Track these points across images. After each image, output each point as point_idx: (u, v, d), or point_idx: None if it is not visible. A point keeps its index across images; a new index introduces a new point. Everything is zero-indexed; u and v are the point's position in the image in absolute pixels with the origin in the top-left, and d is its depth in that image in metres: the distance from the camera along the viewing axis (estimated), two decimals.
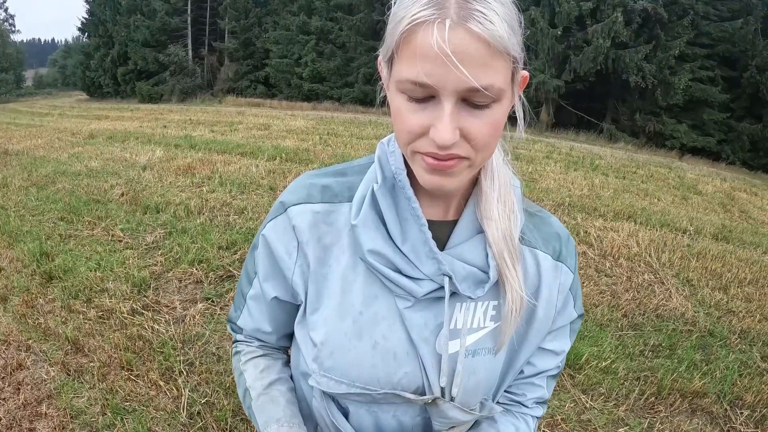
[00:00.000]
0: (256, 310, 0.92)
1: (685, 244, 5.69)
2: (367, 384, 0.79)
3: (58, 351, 2.98)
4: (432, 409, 0.82)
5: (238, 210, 5.27)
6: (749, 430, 2.81)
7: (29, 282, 3.68)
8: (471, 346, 0.79)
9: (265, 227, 0.85)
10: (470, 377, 0.80)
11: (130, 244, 4.33)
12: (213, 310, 3.54)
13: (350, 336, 0.79)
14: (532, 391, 0.95)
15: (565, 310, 0.88)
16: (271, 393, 0.91)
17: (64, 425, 2.49)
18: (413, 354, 0.78)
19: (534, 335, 0.85)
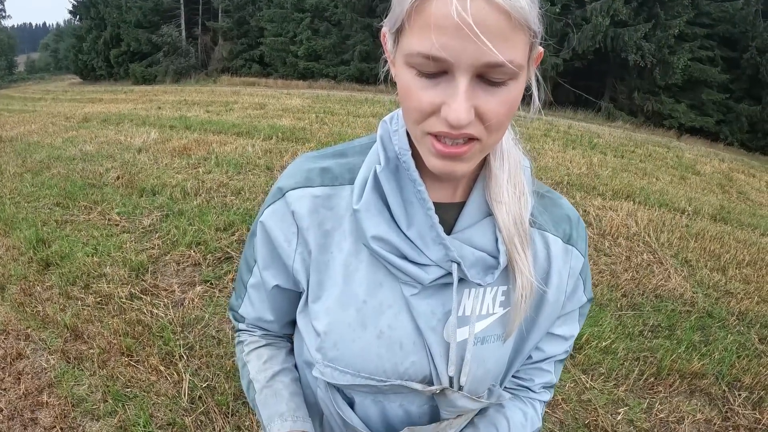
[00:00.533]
0: (257, 299, 0.89)
1: (683, 224, 5.68)
2: (372, 374, 0.77)
3: (57, 339, 2.97)
4: (440, 399, 0.80)
5: (235, 190, 5.22)
6: (747, 412, 2.83)
7: (26, 270, 3.65)
8: (480, 334, 0.77)
9: (262, 214, 0.82)
10: (479, 366, 0.78)
11: (127, 228, 4.29)
12: (212, 292, 3.52)
13: (354, 326, 0.76)
14: (540, 376, 0.94)
15: (574, 295, 0.86)
16: (275, 386, 0.89)
17: (65, 413, 2.49)
18: (420, 343, 0.76)
19: (543, 321, 0.83)
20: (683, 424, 2.72)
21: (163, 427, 2.46)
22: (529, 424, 0.94)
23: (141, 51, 30.50)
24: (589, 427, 2.66)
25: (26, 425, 2.42)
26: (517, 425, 0.91)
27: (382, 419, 0.84)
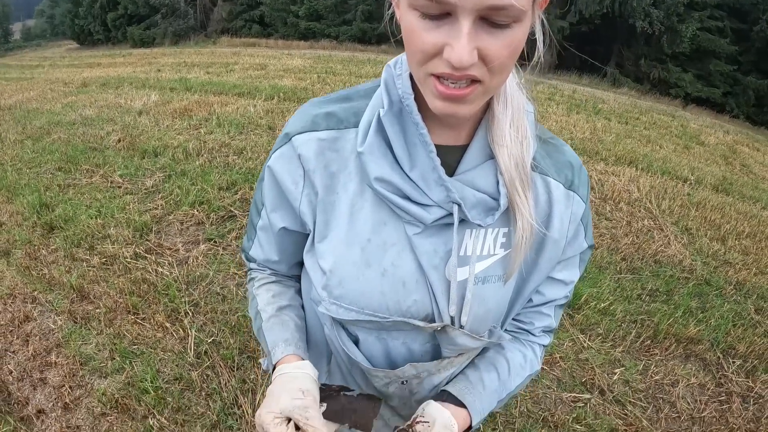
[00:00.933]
0: (266, 242, 0.92)
1: (685, 192, 5.67)
2: (376, 311, 0.79)
3: (63, 300, 3.00)
4: (441, 336, 0.82)
5: (237, 150, 5.18)
6: (740, 380, 2.85)
7: (31, 234, 3.66)
8: (480, 274, 0.79)
9: (270, 158, 0.84)
10: (480, 305, 0.80)
11: (130, 190, 4.27)
12: (216, 250, 3.53)
13: (359, 264, 0.78)
14: (539, 319, 0.95)
15: (575, 240, 0.87)
16: (282, 317, 0.91)
17: (74, 372, 2.52)
18: (423, 281, 0.78)
19: (544, 264, 0.84)
20: (677, 387, 2.76)
21: (169, 381, 2.49)
22: (528, 366, 0.96)
23: (138, 14, 29.84)
24: (586, 385, 2.70)
25: (35, 385, 2.45)
26: (516, 366, 0.94)
27: (385, 356, 0.86)
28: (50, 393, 2.42)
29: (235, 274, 3.30)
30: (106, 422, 2.30)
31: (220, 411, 2.34)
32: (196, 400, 2.41)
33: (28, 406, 2.34)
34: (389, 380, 0.88)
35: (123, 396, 2.39)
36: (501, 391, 0.92)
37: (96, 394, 2.40)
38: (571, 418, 2.48)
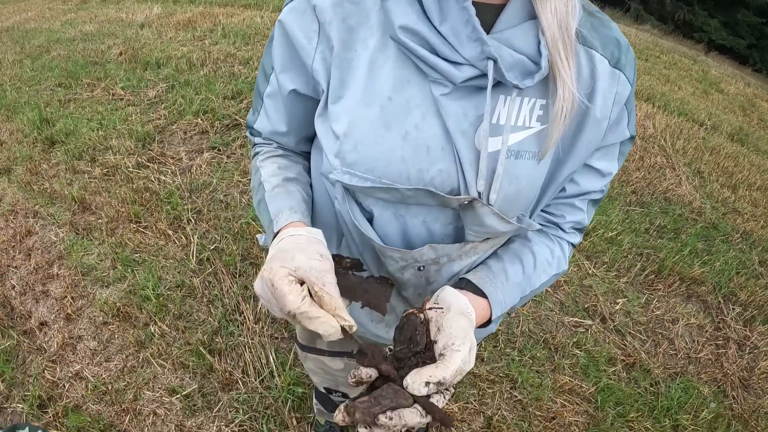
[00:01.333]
0: (273, 110, 0.84)
1: (700, 136, 5.44)
2: (395, 181, 0.71)
3: (65, 212, 2.85)
4: (467, 215, 0.74)
5: (243, 60, 4.86)
6: (738, 327, 2.84)
7: (31, 150, 3.48)
8: (514, 147, 0.71)
9: (282, 12, 0.75)
10: (511, 182, 0.72)
11: (132, 101, 4.01)
12: (220, 158, 3.31)
13: (377, 125, 0.69)
14: (571, 213, 0.88)
15: (618, 126, 0.78)
16: (288, 187, 0.83)
17: (75, 283, 2.42)
18: (449, 149, 0.70)
19: (582, 147, 0.76)
20: (677, 325, 2.75)
21: (171, 288, 2.38)
22: (555, 263, 0.89)
23: None
24: (588, 312, 2.70)
25: (38, 298, 2.37)
26: (542, 262, 0.87)
27: (402, 236, 0.78)
28: (52, 305, 2.33)
29: (239, 181, 3.10)
30: (107, 331, 2.21)
31: (221, 317, 2.26)
32: (197, 306, 2.32)
33: (31, 319, 2.26)
34: (405, 263, 0.79)
35: (124, 304, 2.29)
36: (525, 286, 0.85)
37: (98, 303, 2.31)
38: (571, 342, 2.48)
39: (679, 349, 2.60)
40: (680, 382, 2.39)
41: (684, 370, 2.48)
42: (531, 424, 2.08)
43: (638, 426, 2.17)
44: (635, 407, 2.23)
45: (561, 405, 2.17)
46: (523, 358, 2.33)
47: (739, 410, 2.34)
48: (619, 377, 2.37)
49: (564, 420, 2.12)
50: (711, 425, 2.24)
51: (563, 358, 2.38)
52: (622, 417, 2.19)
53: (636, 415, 2.20)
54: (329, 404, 1.58)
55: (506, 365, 2.29)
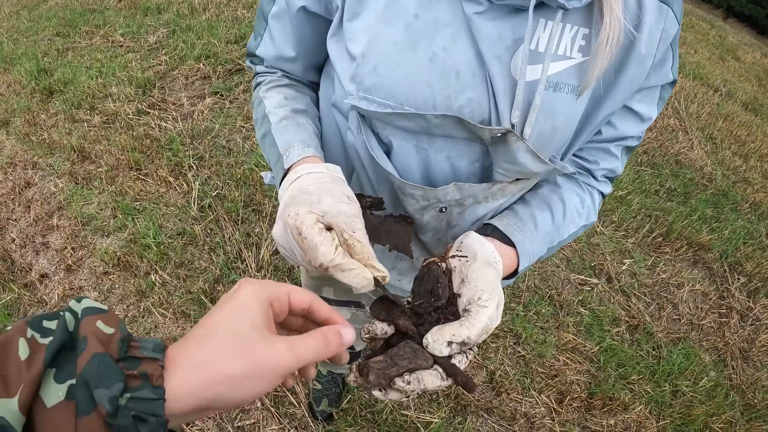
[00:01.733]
0: (279, 32, 0.77)
1: (714, 102, 5.29)
2: (418, 109, 0.64)
3: (65, 162, 2.79)
4: (497, 150, 0.67)
5: (247, 5, 4.71)
6: (742, 297, 2.81)
7: (29, 101, 3.39)
8: (553, 78, 0.64)
9: None
10: (547, 117, 0.65)
11: (132, 48, 3.89)
12: (222, 104, 3.22)
13: (400, 45, 0.62)
14: (605, 159, 0.81)
15: (662, 67, 0.70)
16: (298, 119, 0.75)
17: (76, 233, 2.38)
18: (481, 75, 0.63)
19: (624, 85, 0.68)
20: (682, 290, 2.72)
21: (172, 236, 2.34)
22: (585, 214, 0.83)
23: None
24: (594, 270, 2.68)
25: (38, 250, 2.34)
26: (572, 211, 0.80)
27: (423, 172, 0.72)
28: (53, 257, 2.29)
29: (242, 127, 3.02)
30: (108, 281, 2.18)
31: (223, 265, 2.23)
32: (198, 254, 2.28)
33: (31, 271, 2.23)
34: (427, 203, 0.72)
35: (125, 253, 2.25)
36: (553, 236, 0.78)
37: (98, 253, 2.27)
38: (576, 300, 2.46)
39: (682, 315, 2.58)
40: (682, 348, 2.38)
41: (686, 336, 2.47)
42: (533, 380, 2.08)
43: (639, 389, 2.17)
44: (637, 370, 2.23)
45: (563, 363, 2.17)
46: (528, 314, 2.31)
47: (737, 381, 2.34)
48: (622, 338, 2.35)
49: (566, 378, 2.11)
50: (709, 393, 2.24)
51: (568, 315, 2.37)
52: (623, 379, 2.19)
53: (637, 378, 2.20)
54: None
55: (511, 320, 2.27)
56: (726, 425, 2.14)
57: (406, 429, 1.87)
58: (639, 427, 2.07)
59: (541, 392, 2.07)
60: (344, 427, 1.84)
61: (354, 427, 1.85)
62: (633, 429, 2.06)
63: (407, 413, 1.90)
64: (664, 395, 2.18)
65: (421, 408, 1.93)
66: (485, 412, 1.98)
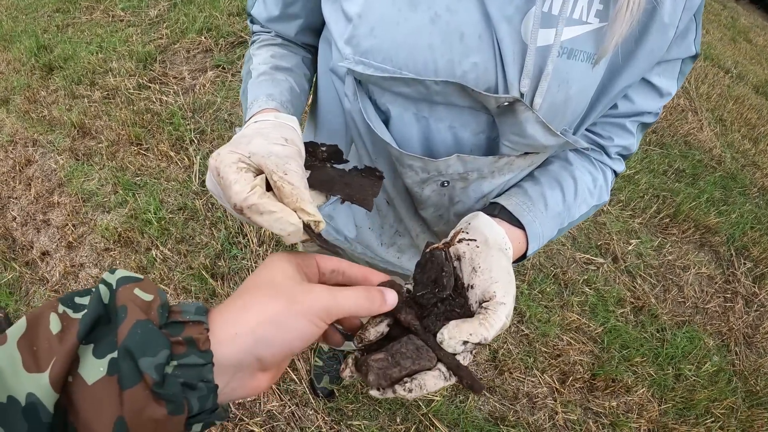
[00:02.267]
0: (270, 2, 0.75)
1: (725, 83, 5.18)
2: (419, 73, 0.59)
3: (65, 139, 2.76)
4: (504, 121, 0.62)
5: None
6: (748, 283, 2.78)
7: (29, 78, 3.35)
8: (567, 44, 0.58)
9: None
10: (560, 87, 0.60)
11: (132, 22, 3.84)
12: (224, 77, 3.17)
13: (400, 4, 0.57)
14: (620, 135, 0.76)
15: (684, 39, 0.65)
16: (276, 76, 0.73)
17: (76, 210, 2.37)
18: (488, 38, 0.57)
19: (643, 56, 0.63)
20: (688, 272, 2.70)
21: (173, 211, 2.31)
22: (596, 193, 0.78)
23: None
24: (600, 249, 2.65)
25: (39, 228, 2.32)
26: (584, 190, 0.76)
27: (423, 142, 0.68)
28: (54, 234, 2.28)
29: None
30: (109, 257, 2.16)
31: (224, 240, 2.21)
32: (200, 229, 2.26)
33: (33, 249, 2.22)
34: (427, 175, 0.68)
35: (126, 229, 2.23)
36: (564, 217, 0.74)
37: (99, 229, 2.25)
38: (582, 279, 2.44)
39: (687, 297, 2.56)
40: (686, 331, 2.36)
41: (691, 320, 2.45)
42: (536, 359, 2.07)
43: (642, 371, 2.16)
44: (640, 352, 2.21)
45: (567, 343, 2.15)
46: (532, 292, 2.30)
47: (740, 367, 2.32)
48: (627, 320, 2.34)
49: (569, 358, 2.10)
50: (712, 378, 2.23)
51: (572, 295, 2.35)
52: (626, 360, 2.18)
53: (640, 360, 2.18)
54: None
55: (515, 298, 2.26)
56: (727, 411, 2.13)
57: (407, 407, 1.86)
58: (641, 409, 2.06)
59: (544, 372, 2.06)
60: (345, 404, 1.83)
61: (355, 405, 1.84)
62: (635, 411, 2.05)
63: None
64: (667, 378, 2.16)
65: None
66: (487, 391, 1.97)
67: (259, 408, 1.80)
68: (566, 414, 1.98)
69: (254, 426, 1.74)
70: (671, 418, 2.06)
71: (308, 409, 1.82)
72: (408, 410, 1.86)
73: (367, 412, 1.84)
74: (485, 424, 1.87)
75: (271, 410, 1.79)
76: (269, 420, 1.78)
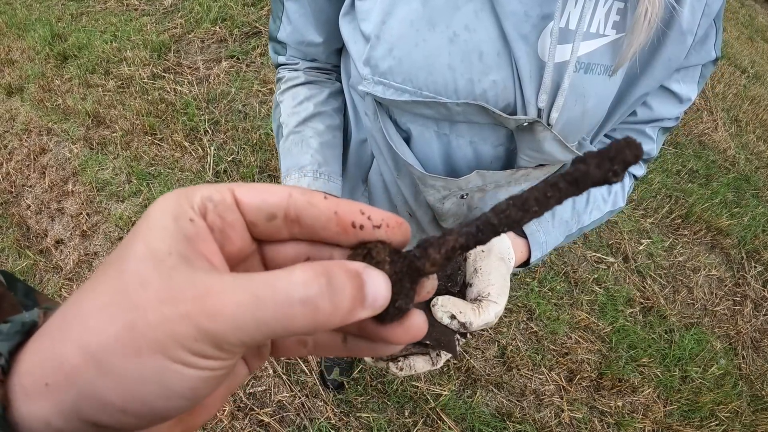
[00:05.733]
0: (296, 12, 0.72)
1: (741, 83, 5.10)
2: (439, 93, 0.59)
3: (79, 128, 2.78)
4: (523, 137, 0.63)
5: None
6: (758, 286, 2.77)
7: (43, 67, 3.38)
8: (584, 58, 0.58)
9: None
10: (577, 101, 0.60)
11: (147, 11, 3.85)
12: (239, 67, 3.18)
13: (418, 24, 0.57)
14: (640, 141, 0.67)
15: (704, 44, 0.65)
16: (304, 132, 0.74)
17: (90, 199, 2.39)
18: (506, 56, 0.57)
19: (661, 64, 0.62)
20: (698, 274, 2.69)
21: None
22: (611, 200, 0.80)
23: None
24: (611, 249, 2.65)
25: (53, 216, 2.35)
26: (597, 197, 0.78)
27: (444, 158, 0.68)
28: (68, 222, 2.31)
29: (259, 91, 2.99)
30: None
31: None
32: None
33: (47, 238, 2.24)
34: (448, 192, 0.69)
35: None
36: (572, 225, 0.76)
37: (113, 219, 2.28)
38: (592, 278, 2.44)
39: (696, 299, 2.56)
40: (694, 333, 2.36)
41: (699, 322, 2.45)
42: (544, 357, 2.08)
43: (648, 372, 2.16)
44: (648, 352, 2.22)
45: (575, 341, 2.16)
46: (542, 290, 2.30)
47: (746, 371, 2.32)
48: (636, 320, 2.34)
49: (577, 356, 2.11)
50: (718, 381, 2.23)
51: (582, 293, 2.36)
52: (634, 361, 2.18)
53: (648, 361, 2.19)
54: None
55: (525, 295, 2.27)
56: (732, 414, 2.13)
57: (416, 400, 1.88)
58: (646, 410, 2.07)
59: (552, 369, 2.07)
60: (354, 396, 1.85)
61: (364, 397, 1.86)
62: (640, 411, 2.06)
63: (417, 384, 1.91)
64: (674, 380, 2.17)
65: (431, 380, 1.94)
66: (495, 386, 1.98)
67: (269, 398, 1.82)
68: (572, 412, 1.99)
69: (264, 416, 1.76)
70: (676, 419, 2.07)
71: (318, 400, 1.84)
72: (416, 404, 1.87)
73: (376, 405, 1.86)
74: (492, 420, 1.89)
75: (281, 401, 1.81)
76: (279, 410, 1.80)
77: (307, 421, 1.78)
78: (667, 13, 0.58)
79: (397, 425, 1.82)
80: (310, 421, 1.78)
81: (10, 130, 2.80)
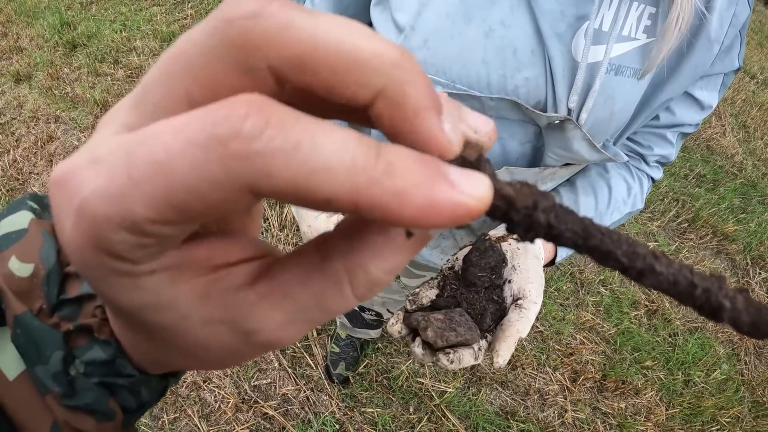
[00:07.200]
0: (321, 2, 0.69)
1: (750, 89, 5.10)
2: (472, 87, 0.60)
3: (87, 116, 2.78)
4: (552, 135, 0.64)
5: None
6: (762, 292, 2.77)
7: (52, 55, 3.38)
8: (615, 60, 0.59)
9: None
10: (606, 102, 0.62)
11: (157, 1, 3.85)
12: None
13: (454, 17, 0.57)
14: (660, 145, 0.77)
15: (728, 54, 0.66)
16: None
17: None
18: (539, 53, 0.58)
19: (687, 70, 0.64)
20: None
21: None
22: (630, 202, 0.80)
23: None
24: None
25: None
26: (618, 198, 0.78)
27: None
28: None
29: None
30: None
31: None
32: None
33: None
34: None
35: None
36: None
37: None
38: (598, 279, 2.45)
39: None
40: (698, 338, 2.36)
41: (703, 326, 2.45)
42: (549, 357, 2.08)
43: (652, 375, 2.17)
44: (652, 355, 2.22)
45: (580, 342, 2.16)
46: (548, 289, 2.30)
47: (749, 377, 2.32)
48: (640, 322, 2.34)
49: (581, 357, 2.11)
50: (720, 386, 2.24)
51: (588, 294, 2.36)
52: (638, 363, 2.19)
53: (651, 364, 2.19)
54: (358, 321, 1.56)
55: None
56: (733, 420, 2.13)
57: (420, 397, 1.88)
58: (648, 412, 2.07)
59: (556, 369, 2.07)
60: (360, 391, 1.85)
61: (369, 392, 1.86)
62: (642, 414, 2.06)
63: (423, 381, 1.91)
64: (676, 383, 2.17)
65: (436, 377, 1.94)
66: (499, 385, 1.98)
67: (274, 391, 1.82)
68: (575, 412, 1.99)
69: (269, 409, 1.76)
70: (678, 423, 2.07)
71: (323, 394, 1.84)
72: (421, 400, 1.88)
73: (381, 400, 1.86)
74: (495, 418, 1.89)
75: (286, 394, 1.82)
76: (284, 403, 1.80)
77: (312, 415, 1.78)
78: (697, 21, 0.59)
79: (402, 421, 1.83)
80: (314, 414, 1.78)
81: (17, 117, 2.80)
